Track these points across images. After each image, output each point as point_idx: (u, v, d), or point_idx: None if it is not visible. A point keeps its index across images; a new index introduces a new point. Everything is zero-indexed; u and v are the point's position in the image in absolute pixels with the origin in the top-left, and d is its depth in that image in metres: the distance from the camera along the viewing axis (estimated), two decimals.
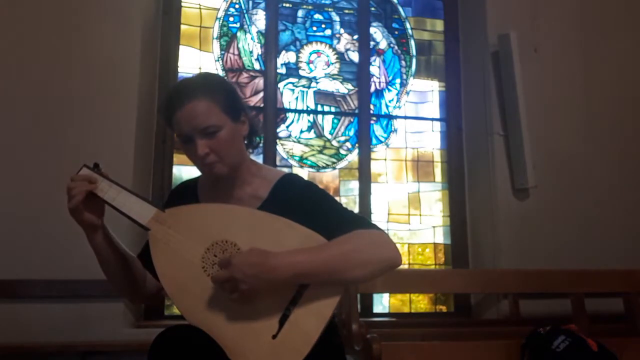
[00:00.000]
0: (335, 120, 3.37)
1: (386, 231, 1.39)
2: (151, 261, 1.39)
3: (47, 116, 2.69)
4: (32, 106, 2.68)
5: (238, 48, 3.30)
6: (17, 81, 2.69)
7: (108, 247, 1.41)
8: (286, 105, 3.31)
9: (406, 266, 3.21)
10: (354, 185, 3.29)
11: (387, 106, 3.47)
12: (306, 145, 3.30)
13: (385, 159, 3.39)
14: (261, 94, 3.26)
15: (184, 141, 1.40)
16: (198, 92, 1.38)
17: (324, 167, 3.30)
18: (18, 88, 2.69)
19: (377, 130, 3.42)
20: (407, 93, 3.51)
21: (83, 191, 1.34)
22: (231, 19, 3.32)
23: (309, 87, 3.36)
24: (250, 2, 3.35)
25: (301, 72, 3.37)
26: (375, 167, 3.34)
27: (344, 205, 1.46)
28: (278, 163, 3.19)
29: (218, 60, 3.25)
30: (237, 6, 3.33)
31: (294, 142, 3.28)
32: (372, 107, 3.41)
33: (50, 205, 2.54)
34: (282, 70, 3.33)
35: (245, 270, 1.24)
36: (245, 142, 1.50)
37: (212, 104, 1.38)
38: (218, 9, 3.29)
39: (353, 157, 3.33)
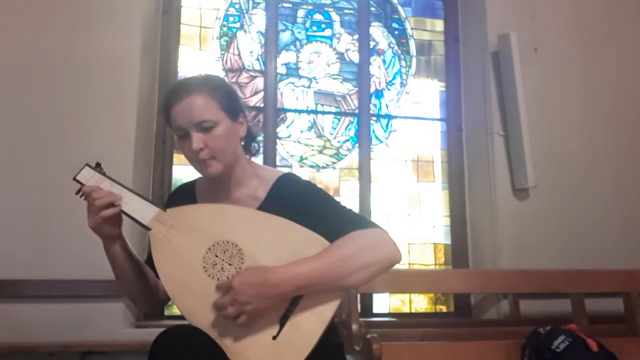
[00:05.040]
0: (335, 120, 3.37)
1: (385, 229, 1.39)
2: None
3: (47, 116, 2.68)
4: (32, 106, 2.68)
5: (238, 48, 3.29)
6: (17, 81, 2.69)
7: (124, 257, 1.41)
8: (286, 105, 3.31)
9: (406, 266, 3.21)
10: (354, 185, 3.28)
11: (387, 106, 3.47)
12: (306, 145, 3.30)
13: (385, 159, 3.39)
14: (261, 94, 3.26)
15: (180, 136, 1.41)
16: (197, 88, 1.39)
17: (324, 167, 3.30)
18: (18, 88, 2.69)
19: (377, 130, 3.42)
20: (407, 93, 3.51)
21: (108, 215, 1.34)
22: (231, 19, 3.31)
23: (309, 87, 3.36)
24: (250, 2, 3.35)
25: (301, 72, 3.37)
26: (375, 167, 3.34)
27: (343, 205, 1.45)
28: (278, 163, 3.19)
29: (218, 60, 3.24)
30: (237, 6, 3.33)
31: (294, 142, 3.28)
32: (372, 107, 3.41)
33: (51, 205, 2.56)
34: (282, 70, 3.33)
35: (248, 291, 1.24)
36: (243, 144, 1.49)
37: (210, 100, 1.39)
38: (218, 9, 3.29)
39: (353, 157, 3.33)
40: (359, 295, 2.69)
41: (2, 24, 2.72)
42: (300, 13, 3.45)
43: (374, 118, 3.42)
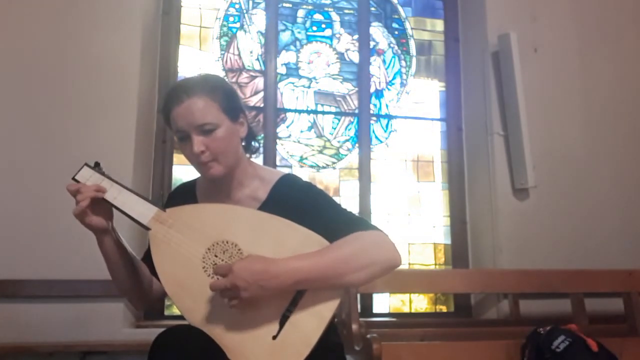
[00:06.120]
0: (335, 120, 3.37)
1: (386, 231, 1.39)
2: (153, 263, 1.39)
3: (47, 116, 2.69)
4: (32, 106, 2.68)
5: (238, 48, 3.29)
6: (17, 81, 2.69)
7: (117, 252, 1.41)
8: (286, 105, 3.31)
9: (406, 266, 3.21)
10: (354, 185, 3.28)
11: (387, 106, 3.47)
12: (306, 145, 3.30)
13: (385, 159, 3.39)
14: (261, 94, 3.26)
15: (180, 138, 1.40)
16: (197, 90, 1.38)
17: (324, 167, 3.30)
18: (18, 88, 2.69)
19: (377, 130, 3.42)
20: (407, 93, 3.51)
21: (87, 197, 1.33)
22: (231, 19, 3.32)
23: (309, 87, 3.36)
24: (250, 2, 3.35)
25: (301, 72, 3.37)
26: (375, 167, 3.34)
27: (344, 206, 1.45)
28: (278, 163, 3.19)
29: (218, 60, 3.25)
30: (237, 6, 3.33)
31: (294, 142, 3.28)
32: (372, 107, 3.41)
33: (51, 205, 2.55)
34: (282, 70, 3.33)
35: (247, 277, 1.23)
36: (243, 144, 1.49)
37: (210, 102, 1.38)
38: (218, 9, 3.29)
39: (353, 157, 3.33)
40: (359, 295, 2.70)
41: (1, 24, 2.72)
42: (300, 13, 3.45)
43: (374, 118, 3.42)
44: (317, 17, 3.47)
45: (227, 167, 1.41)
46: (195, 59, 3.21)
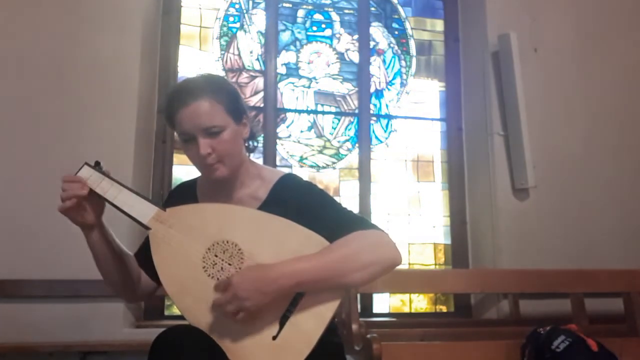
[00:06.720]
0: (335, 120, 3.37)
1: (386, 231, 1.39)
2: (147, 260, 1.39)
3: (47, 116, 2.69)
4: (32, 106, 2.68)
5: (238, 48, 3.29)
6: (17, 81, 2.69)
7: (103, 246, 1.41)
8: (286, 105, 3.31)
9: (406, 266, 3.21)
10: (354, 185, 3.28)
11: (387, 106, 3.47)
12: (306, 145, 3.30)
13: (386, 159, 3.39)
14: (261, 94, 3.26)
15: (185, 140, 1.40)
16: (203, 92, 1.38)
17: (324, 167, 3.30)
18: (18, 88, 2.69)
19: (377, 130, 3.42)
20: (407, 93, 3.51)
21: (73, 198, 1.34)
22: (231, 19, 3.32)
23: (309, 87, 3.36)
24: (250, 2, 3.35)
25: (301, 72, 3.37)
26: (375, 167, 3.34)
27: (344, 206, 1.45)
28: (278, 163, 3.19)
29: (218, 60, 3.25)
30: (237, 6, 3.33)
31: (294, 142, 3.28)
32: (372, 107, 3.41)
33: (50, 205, 2.53)
34: (282, 70, 3.33)
35: (247, 286, 1.23)
36: (245, 144, 1.50)
37: (216, 104, 1.38)
38: (218, 9, 3.29)
39: (353, 157, 3.33)
40: (359, 295, 2.70)
41: (2, 24, 2.72)
42: (300, 13, 3.45)
43: (374, 118, 3.42)
44: (317, 17, 3.47)
45: (231, 169, 1.41)
46: (195, 59, 3.21)
